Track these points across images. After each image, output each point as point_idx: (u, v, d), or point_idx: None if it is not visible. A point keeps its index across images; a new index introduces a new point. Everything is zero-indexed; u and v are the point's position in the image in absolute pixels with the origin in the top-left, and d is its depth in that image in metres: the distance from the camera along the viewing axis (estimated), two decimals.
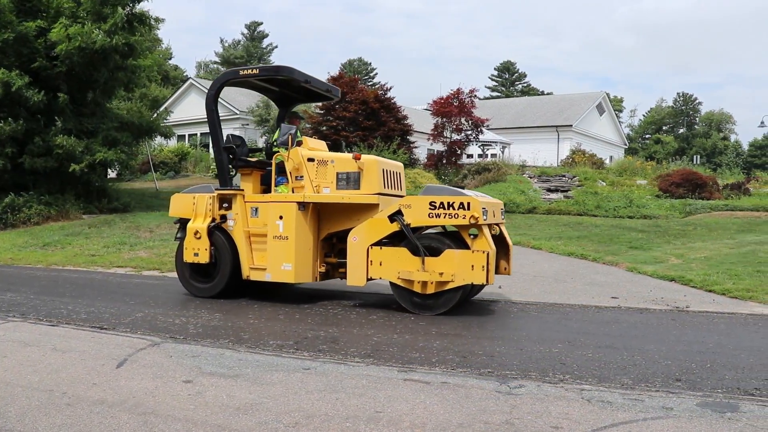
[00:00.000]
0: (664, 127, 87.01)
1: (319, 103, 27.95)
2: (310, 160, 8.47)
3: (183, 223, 9.16)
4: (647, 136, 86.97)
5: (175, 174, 31.98)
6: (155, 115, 23.43)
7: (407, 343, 6.21)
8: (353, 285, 8.04)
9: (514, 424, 4.02)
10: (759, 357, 5.77)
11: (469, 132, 30.01)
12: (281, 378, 5.03)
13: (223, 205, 8.83)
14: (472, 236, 7.59)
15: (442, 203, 7.54)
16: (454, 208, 7.48)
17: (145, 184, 28.63)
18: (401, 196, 8.67)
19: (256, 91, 10.53)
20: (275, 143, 8.89)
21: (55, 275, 11.31)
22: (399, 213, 7.72)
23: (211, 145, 9.07)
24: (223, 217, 8.80)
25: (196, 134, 38.92)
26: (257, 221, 8.64)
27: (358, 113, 28.92)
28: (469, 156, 34.35)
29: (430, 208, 7.59)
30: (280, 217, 8.23)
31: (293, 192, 8.44)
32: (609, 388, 4.80)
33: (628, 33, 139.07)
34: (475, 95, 30.69)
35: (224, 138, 9.06)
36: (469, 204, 7.44)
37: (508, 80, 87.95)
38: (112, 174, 30.87)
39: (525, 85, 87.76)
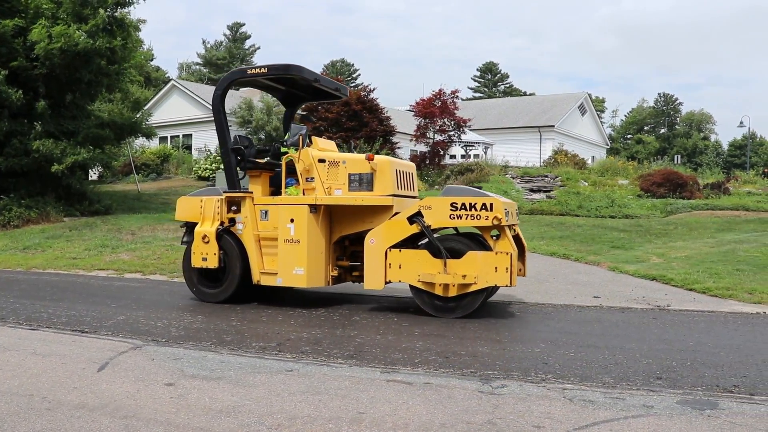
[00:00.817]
0: (645, 128, 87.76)
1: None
2: (321, 161, 8.27)
3: (189, 226, 8.95)
4: (629, 136, 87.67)
5: (158, 176, 31.79)
6: (138, 115, 23.27)
7: (390, 344, 6.22)
8: (370, 288, 7.87)
9: (497, 424, 4.03)
10: (738, 355, 5.83)
11: (452, 133, 30.11)
12: (264, 380, 5.02)
13: (232, 208, 8.59)
14: (494, 237, 7.49)
15: (463, 204, 7.40)
16: (476, 209, 7.34)
17: (127, 186, 28.43)
18: (414, 197, 8.58)
19: (261, 90, 10.36)
20: (285, 143, 8.64)
21: (36, 278, 11.20)
22: (419, 214, 7.56)
23: (218, 146, 8.77)
24: (232, 221, 8.57)
25: (178, 136, 38.72)
26: (267, 224, 8.42)
27: (340, 114, 28.91)
28: (452, 157, 34.47)
29: (451, 210, 7.44)
30: (291, 220, 8.02)
31: (303, 194, 8.26)
32: (591, 387, 4.84)
33: (610, 34, 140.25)
34: (458, 96, 30.77)
35: (232, 139, 8.83)
36: (492, 205, 7.31)
37: (491, 81, 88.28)
38: (93, 176, 30.66)
39: (507, 85, 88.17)
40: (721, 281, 9.69)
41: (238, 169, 8.76)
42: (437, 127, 29.74)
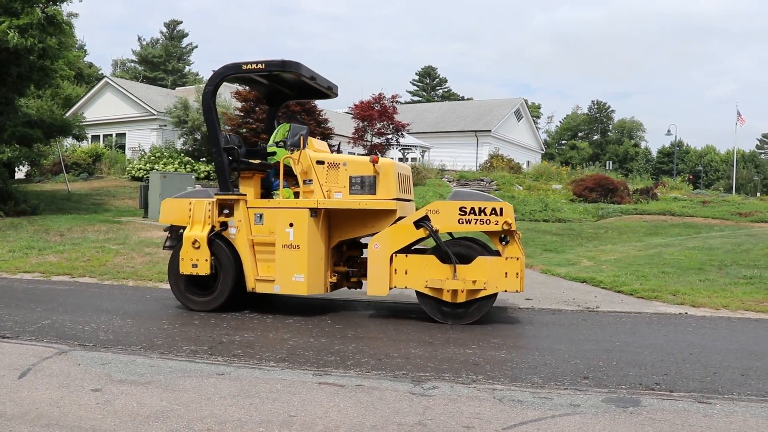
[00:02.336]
0: (579, 134, 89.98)
1: (239, 105, 27.60)
2: (320, 162, 7.94)
3: (173, 230, 8.53)
4: (563, 141, 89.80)
5: (89, 176, 30.87)
6: (68, 113, 22.54)
7: (323, 347, 6.20)
8: (374, 295, 7.67)
9: (427, 425, 4.07)
10: (660, 354, 6.04)
11: (390, 136, 30.26)
12: (194, 384, 4.94)
13: (224, 211, 8.10)
14: (503, 243, 7.36)
15: (473, 209, 7.28)
16: (485, 214, 7.25)
17: (56, 186, 27.53)
18: (411, 201, 8.44)
19: (245, 84, 9.87)
20: (286, 144, 8.15)
21: None
22: (426, 218, 7.40)
23: (210, 146, 8.21)
24: (224, 224, 8.08)
25: (111, 135, 37.75)
26: (262, 228, 7.98)
27: (278, 116, 28.71)
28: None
29: (459, 214, 7.31)
30: (290, 225, 7.65)
31: (296, 196, 8.00)
32: (520, 387, 4.94)
33: (545, 42, 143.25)
34: (398, 101, 30.96)
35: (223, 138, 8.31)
36: (501, 210, 7.23)
37: (429, 85, 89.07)
38: (20, 174, 29.60)
39: (446, 90, 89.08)
40: (647, 283, 10.02)
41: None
42: (375, 130, 29.83)
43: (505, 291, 7.35)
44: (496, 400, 4.60)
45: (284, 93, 9.57)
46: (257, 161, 8.58)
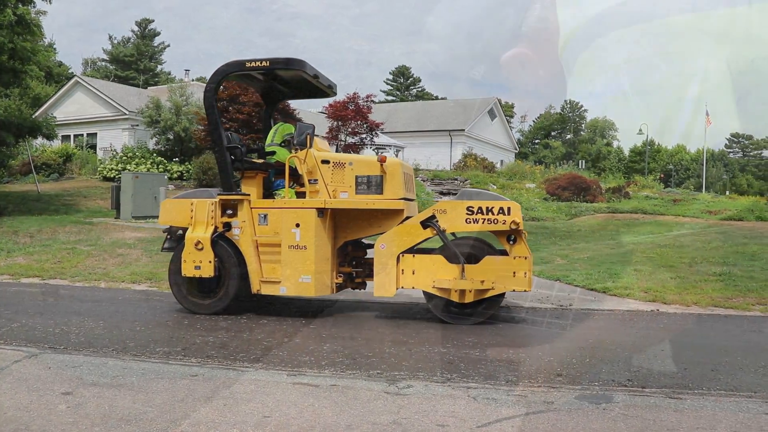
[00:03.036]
0: (552, 133, 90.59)
1: None
2: (325, 162, 7.84)
3: (172, 231, 8.37)
4: (537, 141, 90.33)
5: (60, 176, 30.44)
6: (37, 113, 22.20)
7: (297, 347, 6.18)
8: (381, 296, 7.60)
9: (402, 424, 4.07)
10: (632, 350, 6.12)
11: (364, 135, 30.24)
12: (167, 386, 4.89)
13: (227, 212, 7.99)
14: (510, 242, 7.32)
15: (480, 208, 7.27)
16: (493, 213, 7.24)
17: (25, 187, 27.10)
18: (413, 200, 8.39)
19: (244, 82, 9.74)
20: (292, 143, 8.05)
21: None
22: (433, 218, 7.37)
23: (212, 146, 7.99)
24: (227, 225, 7.97)
25: (82, 135, 37.25)
26: (266, 229, 7.85)
27: (251, 115, 28.51)
28: None
29: (467, 214, 7.30)
30: (297, 225, 7.59)
31: (298, 196, 7.93)
32: (494, 385, 4.96)
33: (517, 40, 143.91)
34: (372, 100, 30.95)
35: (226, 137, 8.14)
36: (509, 209, 7.22)
37: (403, 84, 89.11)
38: None
39: (419, 89, 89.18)
40: (619, 281, 10.11)
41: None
42: (349, 130, 29.79)
43: (513, 290, 7.34)
44: (470, 398, 4.62)
45: (282, 92, 9.47)
46: (261, 161, 8.47)
